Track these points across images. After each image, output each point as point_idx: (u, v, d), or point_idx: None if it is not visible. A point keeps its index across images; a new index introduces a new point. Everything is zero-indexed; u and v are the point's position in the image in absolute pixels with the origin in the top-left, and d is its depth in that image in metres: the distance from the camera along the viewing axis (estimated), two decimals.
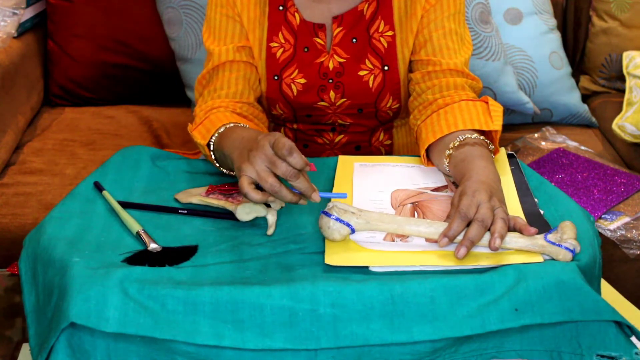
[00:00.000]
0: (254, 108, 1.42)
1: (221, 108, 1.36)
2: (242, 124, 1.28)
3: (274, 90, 1.44)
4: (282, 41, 1.43)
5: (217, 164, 1.29)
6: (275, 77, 1.44)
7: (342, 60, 1.43)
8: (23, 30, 2.14)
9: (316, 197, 1.10)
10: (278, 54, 1.44)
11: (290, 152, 1.06)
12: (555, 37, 2.25)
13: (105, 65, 2.22)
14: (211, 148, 1.28)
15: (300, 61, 1.44)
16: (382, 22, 1.43)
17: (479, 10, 2.08)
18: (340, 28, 1.43)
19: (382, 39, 1.43)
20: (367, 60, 1.43)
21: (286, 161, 1.07)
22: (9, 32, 1.99)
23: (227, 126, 1.27)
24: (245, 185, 1.09)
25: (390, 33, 1.43)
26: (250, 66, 1.43)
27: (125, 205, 1.18)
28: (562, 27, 2.39)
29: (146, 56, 2.22)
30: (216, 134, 1.27)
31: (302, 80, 1.43)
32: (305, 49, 1.43)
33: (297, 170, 1.08)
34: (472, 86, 1.41)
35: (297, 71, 1.43)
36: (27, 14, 2.14)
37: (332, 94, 1.44)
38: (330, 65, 1.43)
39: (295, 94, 1.44)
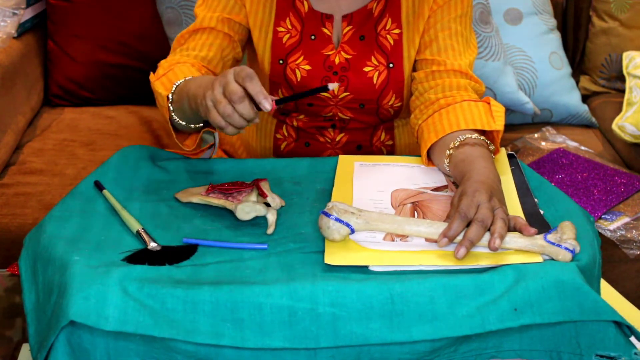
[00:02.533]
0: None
1: (187, 64, 1.37)
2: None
3: (278, 75, 1.45)
4: (289, 27, 1.45)
5: (174, 117, 1.28)
6: (281, 62, 1.45)
7: (348, 56, 1.44)
8: (23, 30, 2.14)
9: (267, 105, 1.09)
10: (284, 39, 1.45)
11: (250, 78, 1.07)
12: (555, 38, 2.25)
13: (105, 65, 2.22)
14: (170, 99, 1.28)
15: (307, 48, 1.45)
16: (390, 20, 1.44)
17: (479, 10, 2.08)
18: (350, 27, 1.44)
19: (388, 36, 1.44)
20: (372, 57, 1.44)
21: (244, 85, 1.08)
22: (9, 32, 1.99)
23: (189, 78, 1.27)
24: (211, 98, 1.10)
25: (397, 31, 1.44)
26: (229, 39, 1.44)
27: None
28: (562, 27, 2.39)
29: (146, 56, 2.22)
30: (178, 83, 1.28)
31: (307, 67, 1.44)
32: (312, 37, 1.44)
33: (241, 95, 1.08)
34: (474, 88, 1.41)
35: (302, 57, 1.44)
36: (27, 14, 2.14)
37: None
38: (337, 60, 1.44)
39: (299, 79, 1.44)
